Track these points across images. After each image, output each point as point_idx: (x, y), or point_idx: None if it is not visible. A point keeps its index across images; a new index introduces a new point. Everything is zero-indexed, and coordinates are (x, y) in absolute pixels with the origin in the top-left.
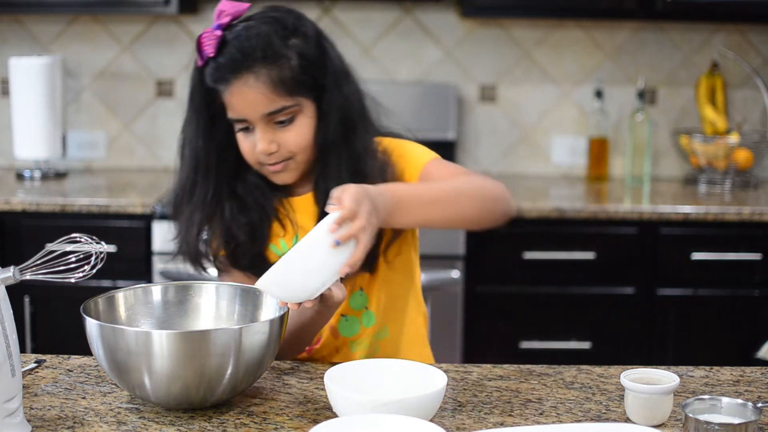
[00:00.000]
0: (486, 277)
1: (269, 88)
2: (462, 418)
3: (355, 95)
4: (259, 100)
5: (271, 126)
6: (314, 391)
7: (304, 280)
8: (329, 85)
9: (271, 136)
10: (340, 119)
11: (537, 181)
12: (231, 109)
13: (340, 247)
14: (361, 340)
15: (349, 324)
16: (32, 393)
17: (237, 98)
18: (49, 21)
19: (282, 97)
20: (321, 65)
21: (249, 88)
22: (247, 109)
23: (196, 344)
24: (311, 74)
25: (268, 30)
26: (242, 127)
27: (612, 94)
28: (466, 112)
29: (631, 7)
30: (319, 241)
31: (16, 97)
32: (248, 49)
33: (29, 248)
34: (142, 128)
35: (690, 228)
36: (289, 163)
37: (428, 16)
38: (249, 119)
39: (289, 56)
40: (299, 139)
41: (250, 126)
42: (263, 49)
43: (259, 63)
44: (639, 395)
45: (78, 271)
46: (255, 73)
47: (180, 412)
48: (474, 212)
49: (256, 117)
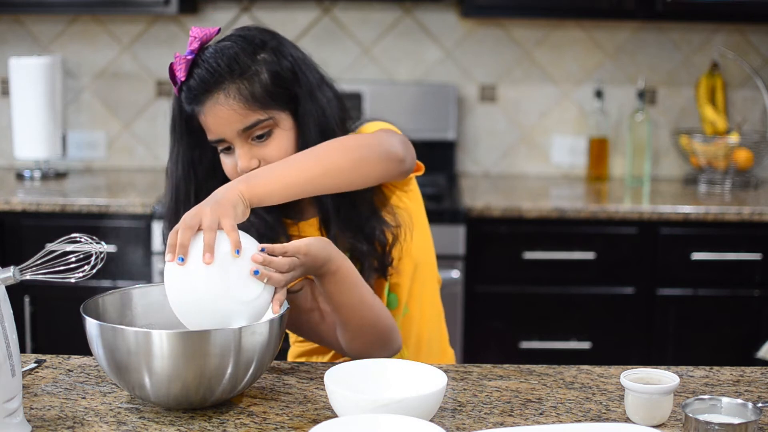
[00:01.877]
0: (486, 277)
1: (240, 104)
2: (462, 418)
3: (332, 102)
4: (232, 116)
5: (249, 142)
6: (314, 391)
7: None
8: (303, 96)
9: (250, 153)
10: (318, 129)
11: (537, 181)
12: (208, 130)
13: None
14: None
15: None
16: (32, 393)
17: (211, 118)
18: (49, 21)
19: (255, 112)
20: (293, 77)
21: (221, 106)
22: (223, 127)
23: (196, 344)
24: (283, 86)
25: (236, 47)
26: (223, 148)
27: (612, 94)
28: (466, 112)
29: (631, 7)
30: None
31: (16, 97)
32: (215, 67)
33: (29, 248)
34: (142, 128)
35: (690, 228)
36: None
37: (428, 16)
38: (226, 138)
39: (259, 70)
40: (279, 153)
41: (230, 146)
42: (229, 65)
43: (227, 80)
44: (639, 395)
45: (78, 271)
46: (224, 90)
47: (180, 412)
48: (376, 173)
49: (233, 134)
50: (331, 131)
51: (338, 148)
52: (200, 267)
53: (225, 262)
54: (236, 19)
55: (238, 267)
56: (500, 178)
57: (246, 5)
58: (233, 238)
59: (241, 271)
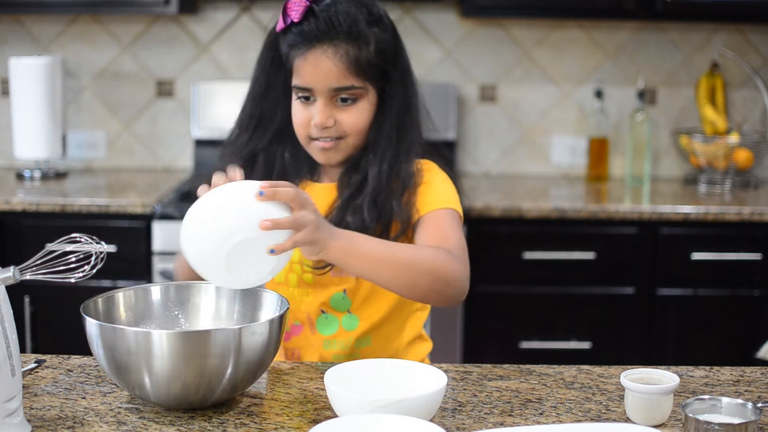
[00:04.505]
0: (486, 277)
1: (344, 64)
2: (462, 418)
3: (415, 98)
4: (332, 72)
5: (333, 102)
6: (314, 391)
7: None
8: (396, 79)
9: (330, 112)
10: (397, 114)
11: (537, 181)
12: (300, 76)
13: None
14: (337, 340)
15: (328, 322)
16: (32, 393)
17: (311, 66)
18: (49, 21)
19: (353, 76)
20: (394, 59)
21: (327, 58)
22: (317, 79)
23: (196, 344)
24: (383, 64)
25: (356, 11)
26: (303, 96)
27: (612, 94)
28: (466, 112)
29: (631, 7)
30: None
31: (16, 97)
32: (336, 22)
33: (29, 248)
34: (142, 128)
35: (690, 228)
36: (339, 143)
37: (428, 16)
38: (314, 89)
39: (369, 41)
40: (356, 121)
41: (311, 97)
42: (349, 25)
43: (342, 37)
44: (639, 395)
45: (78, 271)
46: (335, 46)
47: (180, 412)
48: (422, 289)
49: (323, 89)
50: (407, 121)
51: (427, 275)
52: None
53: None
54: (236, 19)
55: (253, 209)
56: (500, 178)
57: (246, 5)
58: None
59: (254, 213)
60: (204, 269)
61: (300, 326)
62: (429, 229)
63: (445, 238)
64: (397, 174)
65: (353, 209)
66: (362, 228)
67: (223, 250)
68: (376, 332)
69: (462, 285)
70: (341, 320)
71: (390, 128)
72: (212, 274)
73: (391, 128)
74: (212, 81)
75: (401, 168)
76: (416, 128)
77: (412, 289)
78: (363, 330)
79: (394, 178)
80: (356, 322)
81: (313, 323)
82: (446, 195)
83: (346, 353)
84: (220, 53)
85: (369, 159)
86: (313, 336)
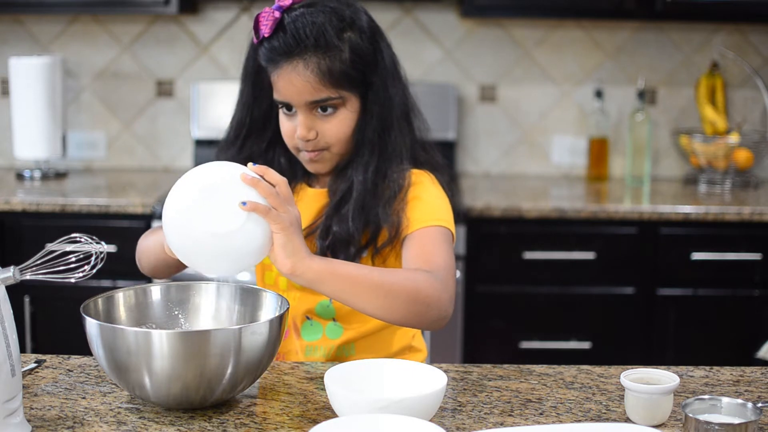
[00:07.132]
0: (486, 277)
1: (316, 77)
2: (462, 418)
3: (401, 97)
4: (305, 87)
5: (312, 114)
6: (314, 391)
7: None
8: (376, 83)
9: (311, 124)
10: (381, 119)
11: (537, 181)
12: (277, 91)
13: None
14: (319, 347)
15: (313, 329)
16: (32, 393)
17: (284, 82)
18: (49, 21)
19: (327, 88)
20: (372, 62)
21: (297, 74)
22: (292, 94)
23: (196, 344)
24: (360, 70)
25: (324, 19)
26: (284, 108)
27: (612, 94)
28: (466, 112)
29: (631, 7)
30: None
31: (16, 97)
32: (302, 35)
33: (29, 248)
34: (142, 128)
35: (690, 228)
36: (324, 154)
37: (428, 16)
38: (293, 104)
39: (342, 48)
40: (338, 131)
41: (292, 108)
42: (316, 37)
43: (310, 51)
44: (639, 395)
45: (78, 271)
46: (305, 60)
47: (180, 412)
48: (400, 312)
49: (300, 103)
50: (390, 125)
51: (405, 301)
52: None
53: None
54: (236, 18)
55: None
56: (500, 178)
57: (246, 5)
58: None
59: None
60: (174, 213)
61: (287, 330)
62: (415, 248)
63: (431, 257)
64: (384, 179)
65: (338, 219)
66: (348, 237)
67: (196, 186)
68: (360, 342)
69: (443, 307)
70: (325, 328)
71: (373, 133)
72: (182, 217)
73: (374, 133)
74: (212, 81)
75: (387, 173)
76: (404, 130)
77: (389, 312)
78: (346, 339)
79: (381, 184)
80: (341, 330)
81: (298, 328)
82: (437, 212)
83: (327, 361)
84: (220, 53)
85: (354, 166)
86: (298, 341)
